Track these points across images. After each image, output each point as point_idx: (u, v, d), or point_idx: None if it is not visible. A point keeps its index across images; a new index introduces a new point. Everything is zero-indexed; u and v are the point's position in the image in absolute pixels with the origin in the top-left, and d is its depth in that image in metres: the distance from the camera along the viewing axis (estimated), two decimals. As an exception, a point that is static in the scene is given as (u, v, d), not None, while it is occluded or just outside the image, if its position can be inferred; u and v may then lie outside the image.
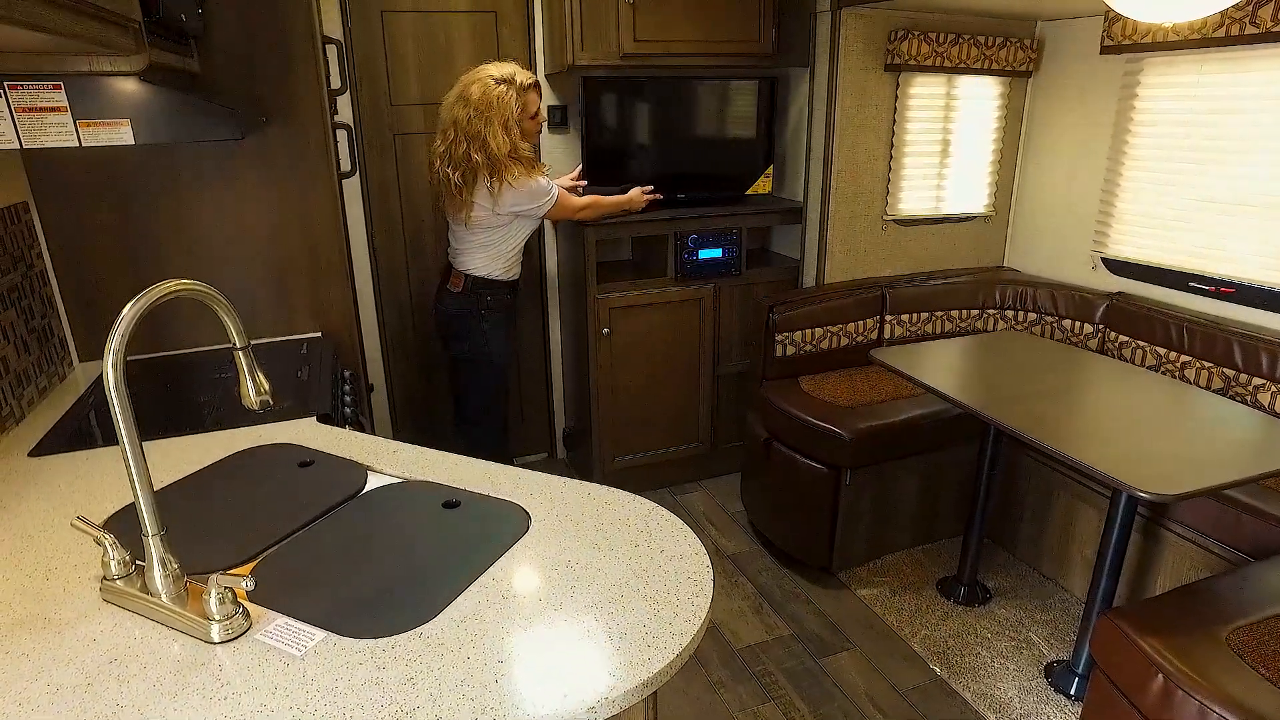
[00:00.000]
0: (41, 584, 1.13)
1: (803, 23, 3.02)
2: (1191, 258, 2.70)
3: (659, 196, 3.06)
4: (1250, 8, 2.32)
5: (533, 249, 3.32)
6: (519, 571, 1.14)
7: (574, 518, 1.28)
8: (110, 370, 0.95)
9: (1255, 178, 2.49)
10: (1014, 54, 3.03)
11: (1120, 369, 2.46)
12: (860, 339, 3.05)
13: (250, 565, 1.17)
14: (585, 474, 3.45)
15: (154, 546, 1.01)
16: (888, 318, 3.06)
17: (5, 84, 1.41)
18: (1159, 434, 1.99)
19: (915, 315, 3.09)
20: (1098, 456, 1.80)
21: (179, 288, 1.01)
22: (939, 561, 2.84)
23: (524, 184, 2.53)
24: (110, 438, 1.61)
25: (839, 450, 2.55)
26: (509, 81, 2.49)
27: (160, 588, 1.03)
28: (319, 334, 2.26)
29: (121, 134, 1.50)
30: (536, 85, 2.58)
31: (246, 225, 2.15)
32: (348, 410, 1.88)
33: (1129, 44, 2.70)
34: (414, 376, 3.34)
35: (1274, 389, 2.39)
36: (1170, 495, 1.64)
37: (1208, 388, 2.51)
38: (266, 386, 1.13)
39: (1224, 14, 2.38)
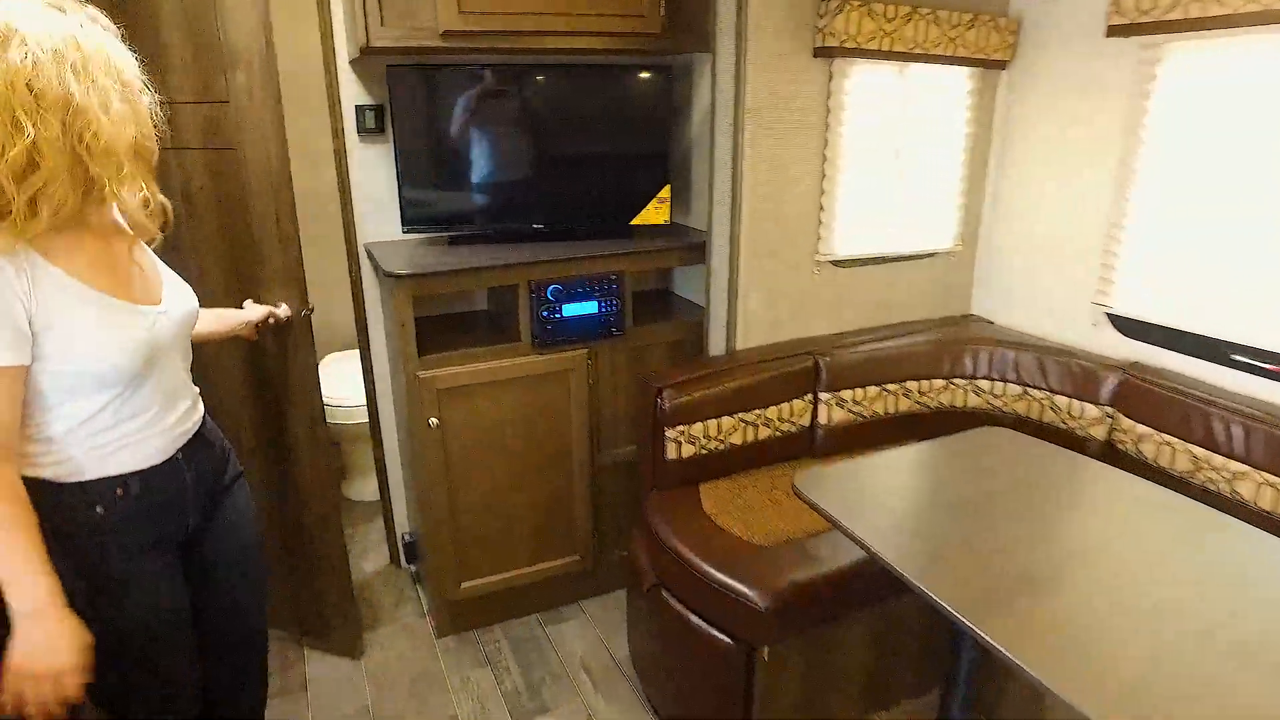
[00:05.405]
0: None
1: (702, -10, 2.18)
2: (1236, 323, 1.94)
3: (278, 319, 1.89)
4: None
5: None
6: None
7: None
8: None
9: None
10: (986, 36, 2.24)
11: (1146, 497, 1.63)
12: (787, 426, 2.22)
13: None
14: (434, 593, 2.55)
15: None
16: (823, 396, 2.24)
17: None
18: (1227, 652, 1.19)
19: (861, 391, 2.27)
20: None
21: None
22: (898, 743, 2.03)
23: None
24: None
25: (753, 622, 1.71)
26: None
27: None
28: None
29: None
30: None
31: None
32: None
33: (1147, 21, 1.92)
34: None
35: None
36: None
37: (1271, 513, 1.75)
38: None
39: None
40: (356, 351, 2.56)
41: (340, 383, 2.98)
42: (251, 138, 1.81)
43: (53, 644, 1.11)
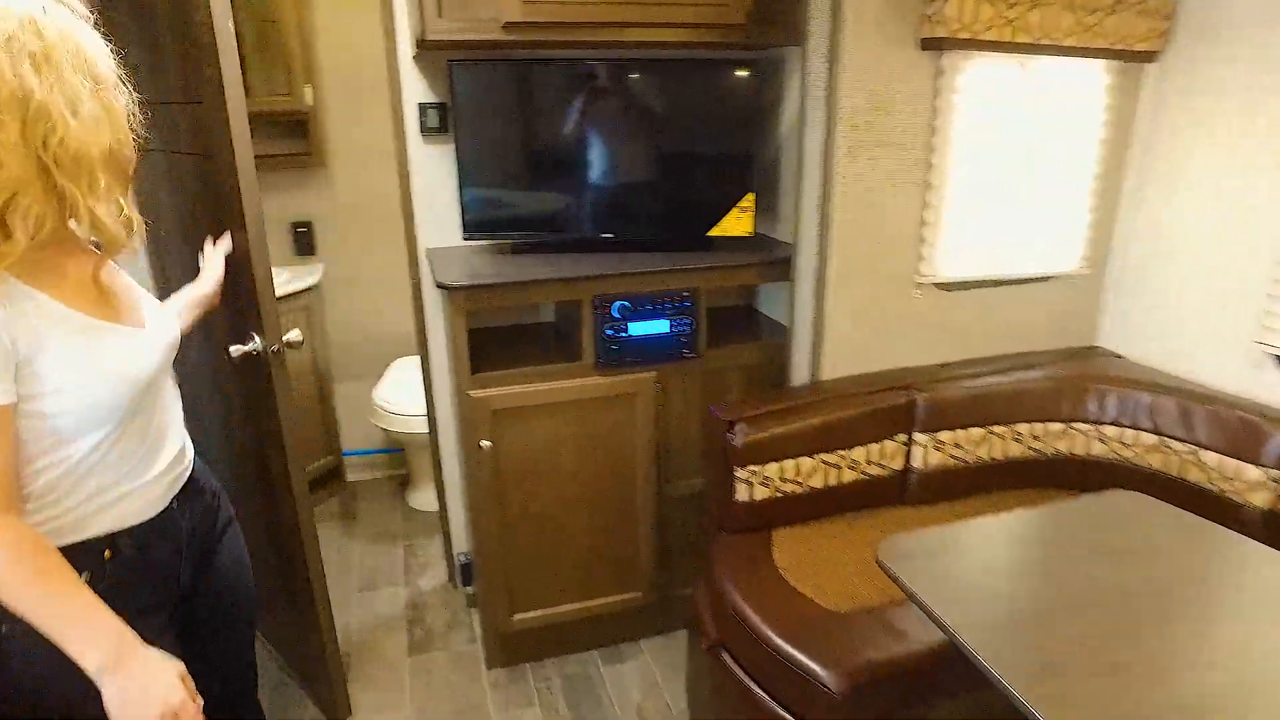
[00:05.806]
0: None
1: (794, -23, 1.94)
2: None
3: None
4: None
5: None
6: None
7: None
8: None
9: None
10: (1130, 23, 1.92)
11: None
12: (875, 470, 1.96)
13: None
14: (485, 623, 2.41)
15: None
16: (919, 437, 1.97)
17: None
18: None
19: (964, 432, 1.98)
20: None
21: None
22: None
23: None
24: None
25: (823, 704, 1.47)
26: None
27: None
28: None
29: None
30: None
31: None
32: None
33: (1346, 2, 1.57)
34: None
35: None
36: None
37: None
38: None
39: None
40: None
41: (403, 390, 2.89)
42: (218, 144, 1.55)
43: (148, 690, 0.97)
